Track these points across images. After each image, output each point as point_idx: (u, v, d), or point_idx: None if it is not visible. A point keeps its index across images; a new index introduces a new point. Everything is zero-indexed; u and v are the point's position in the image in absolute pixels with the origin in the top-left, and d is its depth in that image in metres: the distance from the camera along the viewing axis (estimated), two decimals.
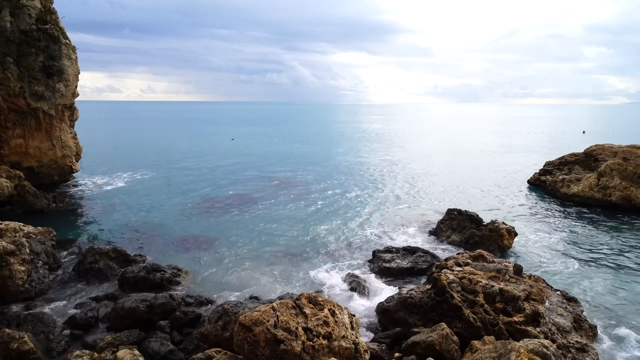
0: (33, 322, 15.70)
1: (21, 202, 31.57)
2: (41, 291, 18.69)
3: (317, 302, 12.84)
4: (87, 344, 14.96)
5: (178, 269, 20.83)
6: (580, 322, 15.32)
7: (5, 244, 18.46)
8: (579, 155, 41.71)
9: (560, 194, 37.34)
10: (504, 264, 17.98)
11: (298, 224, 29.57)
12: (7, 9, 34.31)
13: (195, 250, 24.69)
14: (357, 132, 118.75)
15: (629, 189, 33.15)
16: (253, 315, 11.72)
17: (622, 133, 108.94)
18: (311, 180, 45.54)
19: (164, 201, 35.92)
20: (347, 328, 12.33)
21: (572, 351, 13.42)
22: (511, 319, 14.21)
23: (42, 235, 22.02)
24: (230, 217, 31.22)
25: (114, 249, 22.33)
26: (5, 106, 34.59)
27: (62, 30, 37.49)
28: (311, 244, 25.76)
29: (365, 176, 48.21)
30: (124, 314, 16.04)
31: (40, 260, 20.01)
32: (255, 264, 22.68)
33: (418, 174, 49.29)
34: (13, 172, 33.28)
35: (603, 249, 24.92)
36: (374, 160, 61.08)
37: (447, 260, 18.69)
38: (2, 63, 33.32)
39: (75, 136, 40.78)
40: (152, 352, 14.02)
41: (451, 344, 13.42)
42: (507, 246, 24.53)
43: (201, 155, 64.24)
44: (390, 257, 21.88)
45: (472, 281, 15.70)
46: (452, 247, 25.00)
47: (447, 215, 27.49)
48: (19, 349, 13.41)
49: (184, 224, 29.50)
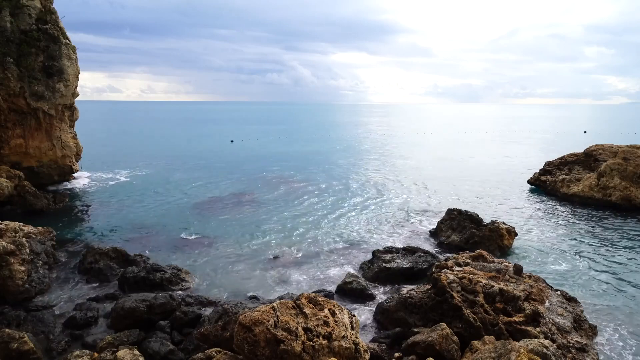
0: (33, 322, 15.71)
1: (21, 202, 31.58)
2: (41, 291, 18.69)
3: (317, 302, 12.84)
4: (87, 344, 14.96)
5: (178, 269, 20.82)
6: (580, 322, 15.32)
7: (5, 244, 18.46)
8: (579, 155, 41.70)
9: (560, 194, 37.33)
10: (504, 264, 17.98)
11: (298, 224, 29.57)
12: (7, 9, 34.32)
13: (195, 250, 24.69)
14: (357, 132, 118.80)
15: (629, 189, 33.15)
16: (253, 315, 11.71)
17: (622, 133, 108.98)
18: (311, 180, 45.54)
19: (164, 201, 35.91)
20: (347, 328, 12.33)
21: (572, 351, 13.42)
22: (511, 319, 14.20)
23: (42, 235, 22.03)
24: (230, 217, 31.21)
25: (114, 249, 22.33)
26: (5, 106, 34.59)
27: (62, 30, 37.50)
28: (311, 244, 25.76)
29: (365, 176, 48.23)
30: (124, 314, 16.03)
31: (40, 260, 20.02)
32: (255, 264, 22.68)
33: (418, 174, 49.30)
34: (13, 172, 33.29)
35: (603, 249, 24.92)
36: (374, 161, 61.09)
37: (447, 260, 18.70)
38: (2, 63, 33.33)
39: (75, 136, 40.80)
40: (152, 352, 14.01)
41: (451, 344, 13.42)
42: (507, 246, 24.53)
43: (201, 156, 64.25)
44: (390, 257, 21.87)
45: (472, 281, 15.70)
46: (452, 247, 25.00)
47: (447, 215, 27.48)
48: (19, 349, 13.41)
49: (184, 224, 29.50)
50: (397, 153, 70.20)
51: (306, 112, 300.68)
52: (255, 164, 56.96)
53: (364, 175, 48.64)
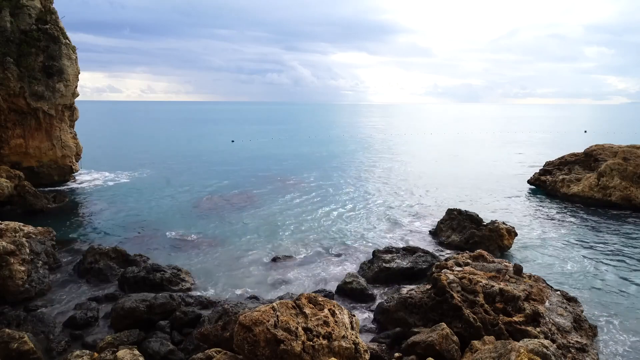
0: (33, 322, 15.70)
1: (21, 202, 31.57)
2: (41, 291, 18.68)
3: (317, 302, 12.83)
4: (87, 344, 14.95)
5: (178, 269, 20.81)
6: (580, 322, 15.32)
7: (5, 244, 18.46)
8: (579, 155, 41.70)
9: (560, 194, 37.33)
10: (504, 264, 17.98)
11: (298, 224, 29.57)
12: (7, 9, 34.32)
13: (195, 250, 24.69)
14: (357, 132, 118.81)
15: (629, 189, 33.15)
16: (253, 315, 11.71)
17: (622, 133, 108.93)
18: (311, 180, 45.55)
19: (164, 201, 35.92)
20: (347, 328, 12.33)
21: (572, 351, 13.42)
22: (511, 319, 14.20)
23: (42, 235, 22.01)
24: (230, 217, 31.21)
25: (114, 249, 22.32)
26: (5, 106, 34.59)
27: (62, 30, 37.51)
28: (311, 244, 25.76)
29: (365, 176, 48.23)
30: (124, 314, 16.03)
31: (40, 260, 20.01)
32: (255, 264, 22.68)
33: (418, 174, 49.32)
34: (13, 172, 33.29)
35: (603, 249, 24.92)
36: (374, 161, 61.10)
37: (447, 260, 18.69)
38: (2, 63, 33.33)
39: (75, 136, 40.81)
40: (152, 352, 14.00)
41: (451, 344, 13.42)
42: (507, 246, 24.52)
43: (201, 155, 64.26)
44: (390, 257, 21.86)
45: (472, 281, 15.70)
46: (452, 247, 25.00)
47: (447, 215, 27.48)
48: (19, 349, 13.40)
49: (184, 223, 29.50)
50: (397, 153, 70.21)
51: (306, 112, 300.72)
52: (256, 164, 56.98)
53: (364, 175, 48.64)
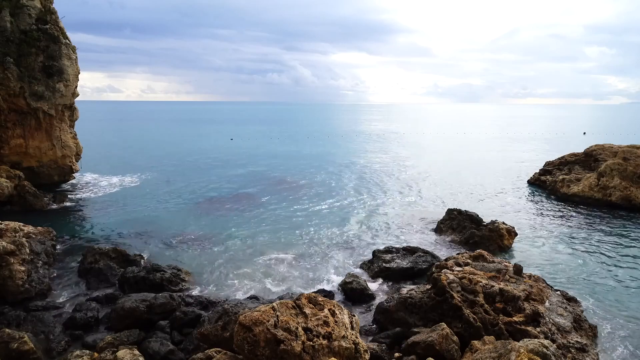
0: (33, 322, 15.70)
1: (21, 202, 31.58)
2: (41, 291, 18.68)
3: (317, 302, 12.83)
4: (87, 344, 14.95)
5: (178, 269, 20.82)
6: (580, 322, 15.32)
7: (5, 244, 18.46)
8: (579, 155, 41.72)
9: (560, 194, 37.34)
10: (504, 264, 17.97)
11: (298, 224, 29.57)
12: (7, 9, 34.31)
13: (195, 250, 24.69)
14: (358, 132, 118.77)
15: (629, 189, 33.15)
16: (253, 315, 11.71)
17: (622, 133, 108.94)
18: (311, 180, 45.54)
19: (164, 201, 35.91)
20: (347, 328, 12.32)
21: (572, 351, 13.42)
22: (511, 319, 14.20)
23: (42, 235, 22.02)
24: (230, 217, 31.22)
25: (114, 249, 22.33)
26: (5, 106, 34.58)
27: (62, 30, 37.48)
28: (311, 244, 25.76)
29: (365, 176, 48.21)
30: (124, 314, 16.03)
31: (40, 260, 20.01)
32: (255, 264, 22.67)
33: (418, 174, 49.30)
34: (13, 172, 33.29)
35: (603, 249, 24.91)
36: (374, 161, 61.08)
37: (447, 260, 18.68)
38: (2, 63, 33.31)
39: (75, 136, 40.78)
40: (152, 352, 14.01)
41: (451, 344, 13.42)
42: (507, 246, 24.53)
43: (201, 155, 64.25)
44: (390, 257, 21.88)
45: (472, 281, 15.70)
46: (452, 247, 25.00)
47: (447, 215, 27.49)
48: (19, 349, 13.41)
49: (184, 223, 29.50)
50: (397, 153, 70.18)
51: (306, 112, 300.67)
52: (256, 164, 56.97)
53: (363, 175, 48.61)
